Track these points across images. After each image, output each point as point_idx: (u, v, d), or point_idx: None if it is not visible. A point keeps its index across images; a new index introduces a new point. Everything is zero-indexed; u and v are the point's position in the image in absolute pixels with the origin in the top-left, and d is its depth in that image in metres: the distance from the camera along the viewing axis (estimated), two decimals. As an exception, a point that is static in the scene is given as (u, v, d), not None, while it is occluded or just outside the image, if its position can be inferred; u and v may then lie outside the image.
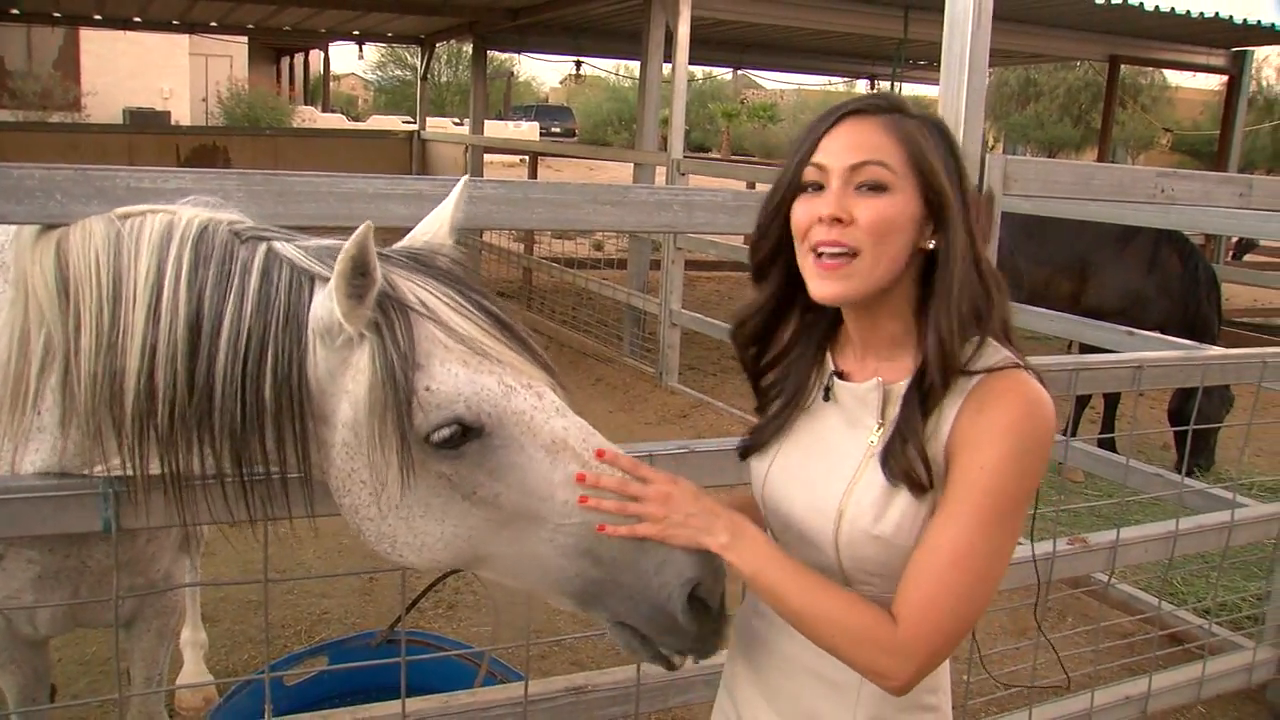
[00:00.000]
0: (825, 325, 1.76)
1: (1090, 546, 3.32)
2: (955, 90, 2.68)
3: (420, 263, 1.74)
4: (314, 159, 13.42)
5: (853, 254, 1.55)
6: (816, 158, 1.59)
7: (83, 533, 1.98)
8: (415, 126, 15.23)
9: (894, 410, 1.62)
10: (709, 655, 1.68)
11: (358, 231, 1.52)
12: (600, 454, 1.66)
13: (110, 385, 1.66)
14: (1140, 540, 3.47)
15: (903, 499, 1.58)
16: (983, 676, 3.79)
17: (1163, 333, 5.66)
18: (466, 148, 13.54)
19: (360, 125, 31.17)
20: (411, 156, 14.34)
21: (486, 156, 14.41)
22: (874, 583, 1.63)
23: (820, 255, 1.57)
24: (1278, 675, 4.02)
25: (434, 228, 1.90)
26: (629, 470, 1.66)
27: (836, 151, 1.57)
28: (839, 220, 1.54)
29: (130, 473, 1.73)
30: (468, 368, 1.62)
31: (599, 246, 14.99)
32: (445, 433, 1.58)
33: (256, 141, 14.59)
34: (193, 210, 1.74)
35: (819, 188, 1.59)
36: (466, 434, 1.60)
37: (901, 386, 1.62)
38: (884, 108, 1.61)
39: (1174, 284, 7.13)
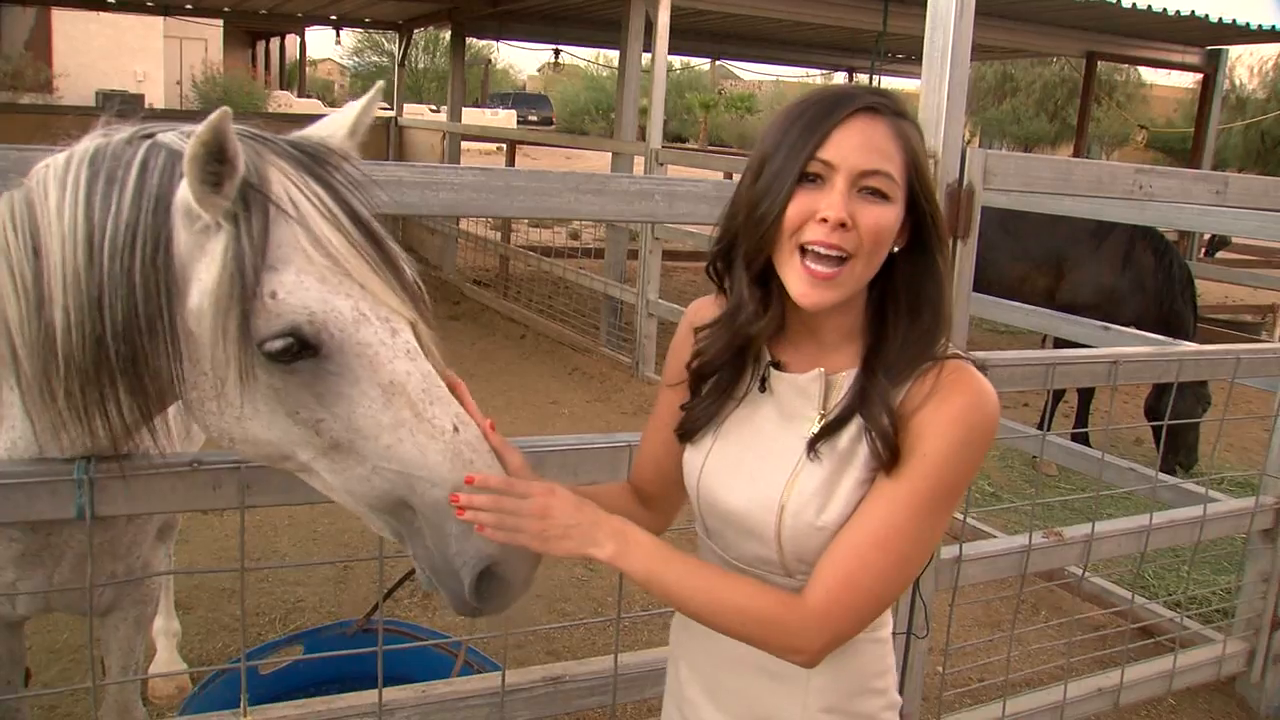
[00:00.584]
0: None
1: (1065, 540, 3.34)
2: (937, 84, 2.69)
3: (306, 158, 1.64)
4: (290, 144, 13.31)
5: (845, 259, 1.51)
6: (825, 153, 1.51)
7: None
8: (392, 113, 15.14)
9: (836, 399, 1.61)
10: (486, 616, 1.62)
11: (212, 116, 1.44)
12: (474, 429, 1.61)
13: (44, 340, 1.61)
14: (1114, 534, 3.50)
15: (845, 489, 1.57)
16: (956, 669, 3.82)
17: (1137, 329, 5.69)
18: (444, 135, 13.46)
19: (337, 110, 30.95)
20: (388, 143, 14.24)
21: (464, 144, 14.34)
22: None
23: (808, 256, 1.52)
24: (1247, 668, 4.06)
25: (334, 128, 1.81)
26: (501, 488, 1.56)
27: (849, 151, 1.51)
28: (843, 225, 1.50)
29: (83, 434, 1.70)
30: (323, 284, 1.54)
31: (576, 235, 14.96)
32: (279, 344, 1.51)
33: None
34: (92, 138, 1.69)
35: (816, 180, 1.53)
36: (302, 351, 1.52)
37: (844, 376, 1.62)
38: (891, 109, 1.56)
39: (1148, 280, 7.18)
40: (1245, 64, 36.25)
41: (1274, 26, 11.25)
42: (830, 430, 1.60)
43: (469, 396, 1.70)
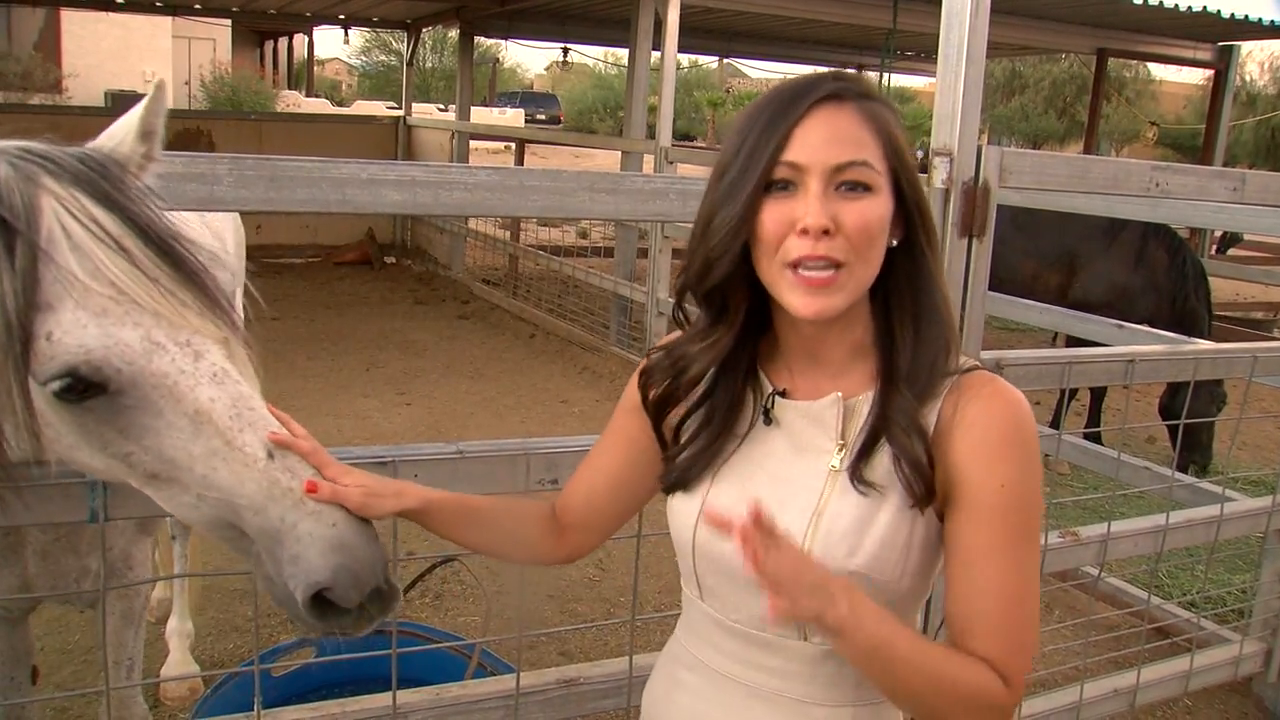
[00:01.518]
0: (754, 339, 1.55)
1: (1081, 540, 3.32)
2: (952, 81, 2.66)
3: (87, 174, 1.51)
4: (299, 144, 13.31)
5: (838, 265, 1.37)
6: (790, 155, 1.37)
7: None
8: (400, 112, 15.13)
9: (856, 427, 1.46)
10: (349, 637, 1.56)
11: None
12: (274, 438, 1.50)
13: None
14: (1130, 534, 3.47)
15: (880, 526, 1.42)
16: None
17: (1151, 327, 5.66)
18: (453, 134, 13.46)
19: (345, 110, 30.99)
20: (397, 142, 14.25)
21: (472, 143, 14.33)
22: None
23: (800, 267, 1.37)
24: (1264, 669, 4.03)
25: (123, 133, 1.66)
26: (308, 455, 1.51)
27: (815, 147, 1.36)
28: (826, 232, 1.35)
29: None
30: (105, 317, 1.43)
31: (585, 234, 14.95)
32: (57, 385, 1.42)
33: (241, 126, 14.46)
34: None
35: (788, 186, 1.38)
36: (89, 388, 1.44)
37: (862, 400, 1.47)
38: (856, 91, 1.41)
39: (1161, 278, 7.14)
40: (1256, 60, 36.16)
41: (1286, 22, 11.19)
42: (857, 461, 1.44)
43: (293, 421, 1.59)
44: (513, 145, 15.02)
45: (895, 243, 1.44)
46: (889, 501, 1.43)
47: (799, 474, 1.48)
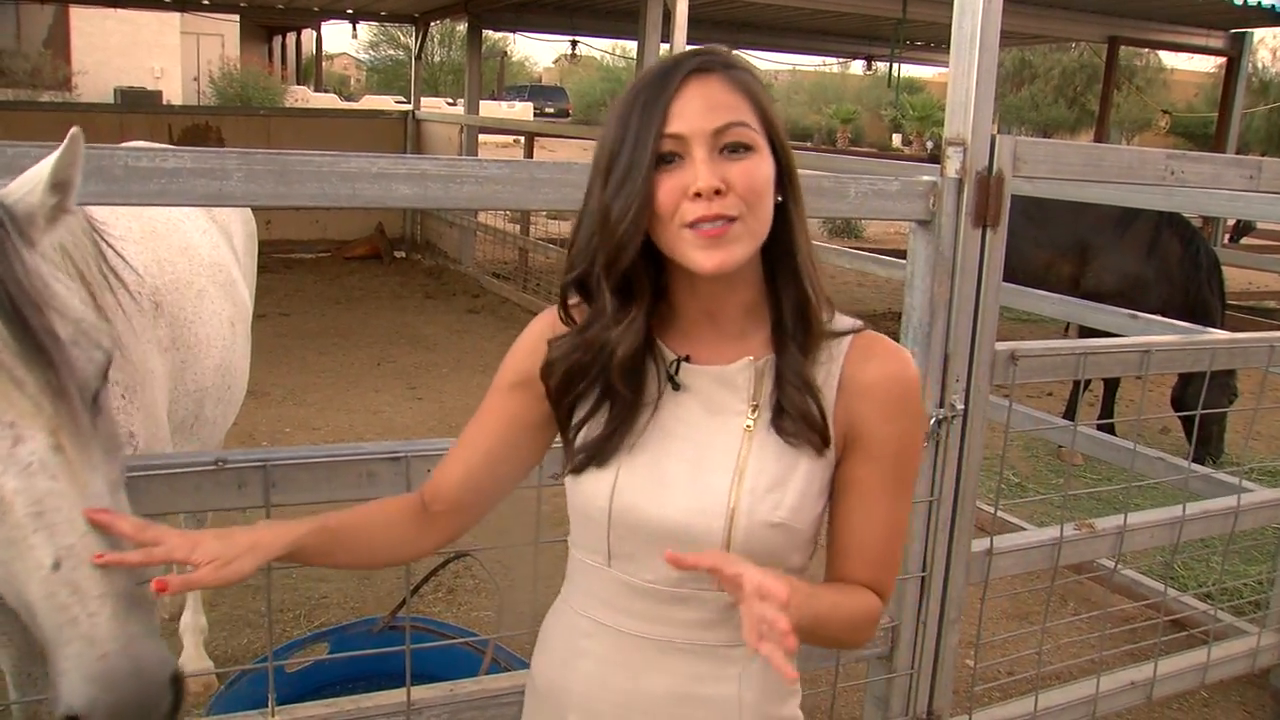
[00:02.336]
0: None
1: (1097, 532, 3.30)
2: (965, 69, 2.64)
3: None
4: (307, 139, 13.31)
5: (732, 219, 1.43)
6: (671, 128, 1.43)
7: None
8: (409, 106, 15.13)
9: (768, 387, 1.54)
10: None
11: None
12: (92, 516, 1.43)
13: None
14: (1146, 525, 3.45)
15: (799, 478, 1.53)
16: (987, 663, 3.78)
17: (1163, 317, 5.62)
18: (461, 128, 13.44)
19: (354, 105, 31.02)
20: (406, 136, 14.24)
21: (481, 137, 14.33)
22: None
23: (696, 226, 1.43)
24: (1281, 660, 4.01)
25: (29, 186, 1.58)
26: (135, 534, 1.45)
27: (693, 117, 1.43)
28: (718, 192, 1.42)
29: None
30: None
31: (594, 228, 14.92)
32: None
33: (250, 121, 14.47)
34: None
35: (675, 159, 1.44)
36: None
37: (768, 361, 1.55)
38: (720, 63, 1.49)
39: (1174, 268, 7.10)
40: (1268, 46, 35.96)
41: (1299, 9, 11.12)
42: (775, 419, 1.53)
43: (122, 515, 1.50)
44: (521, 139, 15.00)
45: (780, 199, 1.51)
46: (804, 455, 1.54)
47: (714, 435, 1.55)
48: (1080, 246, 7.56)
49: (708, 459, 1.54)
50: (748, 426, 1.54)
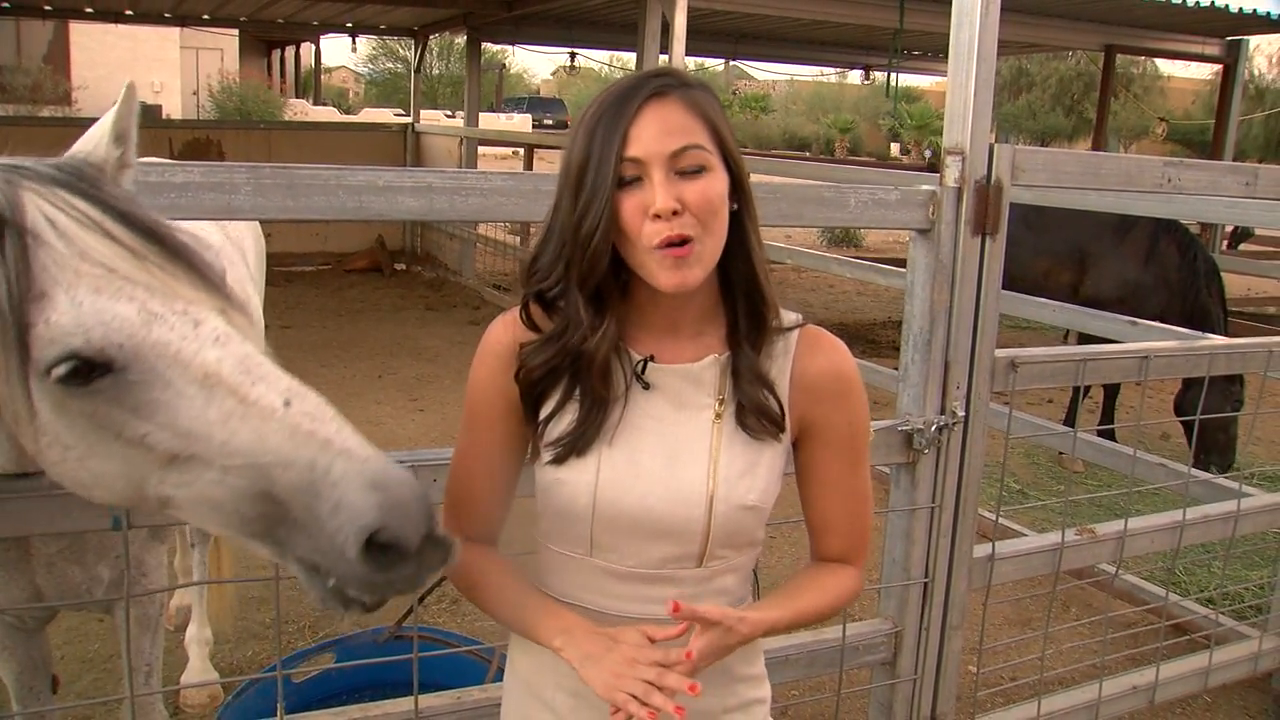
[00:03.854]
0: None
1: (1098, 537, 3.31)
2: (963, 80, 2.67)
3: (64, 175, 1.53)
4: (307, 152, 13.34)
5: (688, 240, 1.54)
6: (630, 152, 1.53)
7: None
8: (409, 119, 15.17)
9: (729, 383, 1.66)
10: (408, 591, 1.45)
11: None
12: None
13: None
14: (1147, 530, 3.47)
15: (764, 464, 1.67)
16: (989, 668, 3.80)
17: (1162, 323, 5.64)
18: (461, 140, 13.48)
19: (353, 118, 31.07)
20: (406, 149, 14.28)
21: (480, 149, 14.36)
22: (728, 555, 1.69)
23: (660, 247, 1.53)
24: (1283, 664, 4.02)
25: (97, 139, 1.70)
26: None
27: (649, 141, 1.53)
28: (675, 212, 1.52)
29: None
30: (100, 294, 1.42)
31: (594, 238, 14.94)
32: (63, 369, 1.39)
33: (250, 135, 14.51)
34: None
35: (636, 180, 1.54)
36: (94, 369, 1.40)
37: (727, 358, 1.67)
38: (677, 84, 1.59)
39: (1172, 274, 7.12)
40: (1264, 53, 36.04)
41: (1294, 16, 11.16)
42: (739, 412, 1.66)
43: None
44: (521, 151, 15.04)
45: (736, 207, 1.61)
46: (767, 444, 1.68)
47: (685, 429, 1.66)
48: (1079, 254, 7.58)
49: (681, 451, 1.65)
50: (716, 419, 1.66)
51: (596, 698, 1.55)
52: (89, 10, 14.27)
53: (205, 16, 14.96)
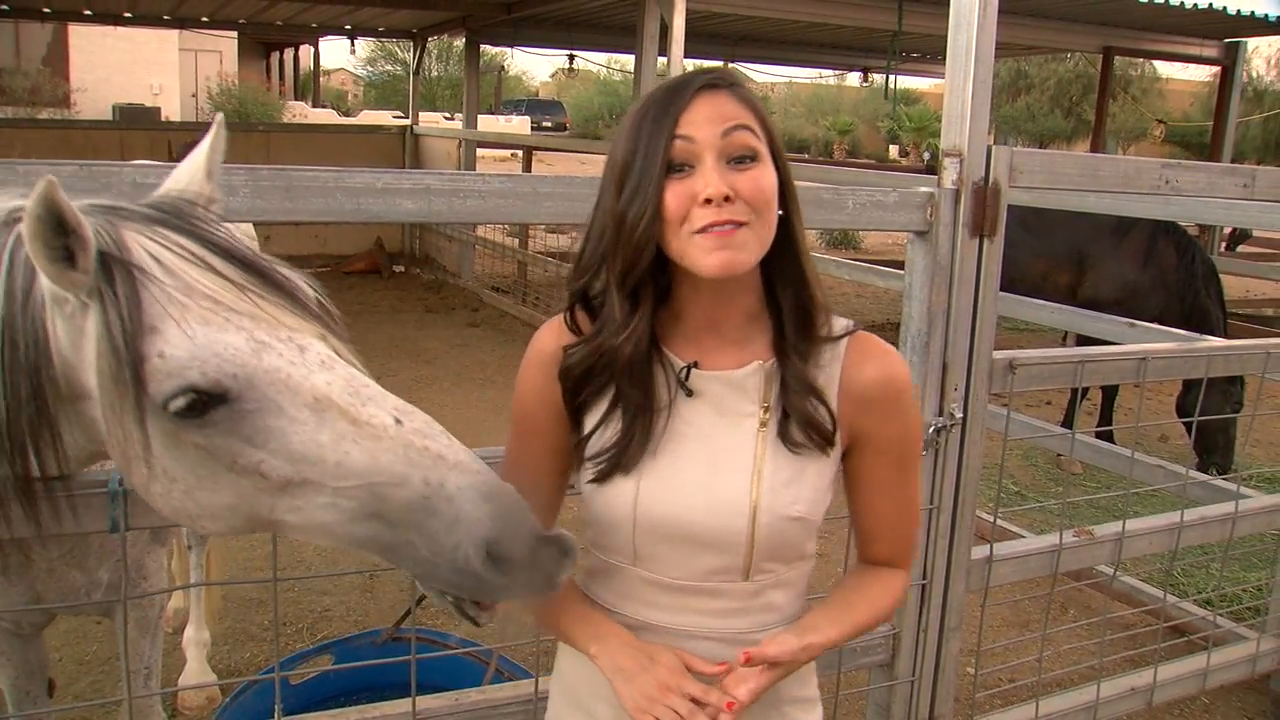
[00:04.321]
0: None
1: (1096, 539, 3.31)
2: (961, 81, 2.67)
3: (163, 214, 1.56)
4: (306, 154, 13.35)
5: (740, 224, 1.50)
6: (682, 130, 1.50)
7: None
8: (407, 121, 15.17)
9: (774, 391, 1.62)
10: (535, 594, 1.48)
11: (37, 187, 1.35)
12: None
13: None
14: (1145, 532, 3.47)
15: (811, 473, 1.62)
16: (987, 670, 3.79)
17: (1161, 325, 5.65)
18: (460, 142, 13.48)
19: (352, 120, 31.08)
20: (404, 151, 14.28)
21: (479, 151, 14.36)
22: (775, 569, 1.65)
23: (704, 230, 1.49)
24: (1281, 666, 4.02)
25: (188, 176, 1.74)
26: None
27: (703, 124, 1.51)
28: (727, 199, 1.48)
29: None
30: (209, 326, 1.45)
31: (593, 241, 14.94)
32: (180, 402, 1.41)
33: (249, 137, 14.48)
34: None
35: (684, 168, 1.51)
36: (210, 400, 1.42)
37: (774, 365, 1.63)
38: (727, 82, 1.57)
39: (1170, 276, 7.12)
40: (1262, 55, 36.07)
41: (1292, 18, 11.17)
42: (784, 422, 1.61)
43: None
44: (520, 153, 15.04)
45: (781, 212, 1.57)
46: (810, 453, 1.62)
47: (729, 437, 1.62)
48: (1077, 256, 7.58)
49: (725, 460, 1.60)
50: (761, 428, 1.61)
51: None
52: (88, 12, 14.27)
53: (204, 19, 14.97)
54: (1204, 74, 33.17)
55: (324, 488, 1.44)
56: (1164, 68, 36.39)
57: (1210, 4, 10.34)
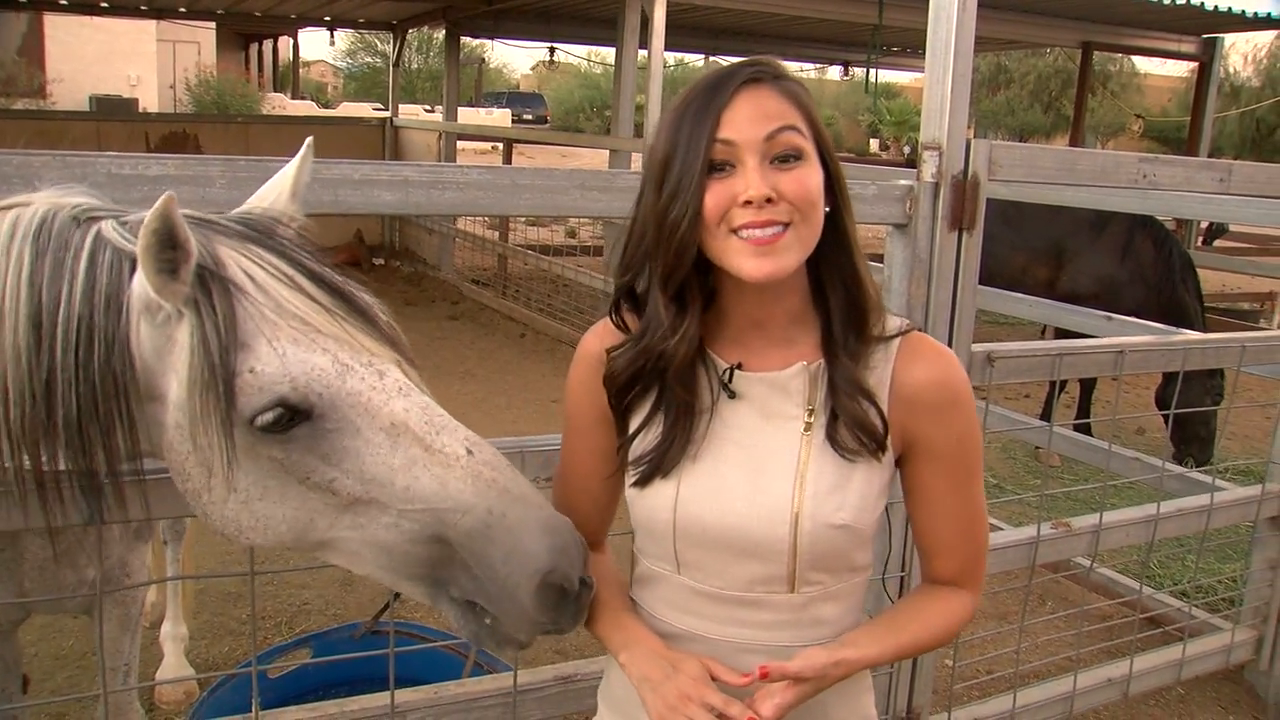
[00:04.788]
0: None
1: (1073, 531, 3.33)
2: (940, 76, 2.68)
3: (254, 232, 1.62)
4: (285, 146, 12.92)
5: (784, 225, 1.46)
6: (723, 133, 1.45)
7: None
8: (388, 113, 15.10)
9: (822, 391, 1.56)
10: (565, 633, 1.57)
11: (158, 203, 1.41)
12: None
13: None
14: (1122, 524, 3.49)
15: (858, 479, 1.55)
16: (965, 661, 3.81)
17: (1139, 319, 5.68)
18: (440, 134, 13.43)
19: (331, 112, 30.91)
20: (385, 143, 14.21)
21: (459, 144, 14.32)
22: (823, 581, 1.59)
23: (745, 231, 1.45)
24: (1255, 656, 4.06)
25: (275, 194, 1.79)
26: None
27: (744, 124, 1.45)
28: (769, 200, 1.44)
29: None
30: (298, 346, 1.50)
31: (574, 233, 14.95)
32: (269, 416, 1.47)
33: (228, 129, 14.42)
34: (42, 200, 1.65)
35: (725, 167, 1.46)
36: (295, 417, 1.49)
37: (820, 366, 1.57)
38: (771, 74, 1.51)
39: (1148, 269, 7.17)
40: (1240, 51, 36.32)
41: (1269, 14, 11.25)
42: (831, 424, 1.55)
43: None
44: (500, 145, 15.00)
45: (828, 208, 1.53)
46: (861, 458, 1.56)
47: (772, 440, 1.57)
48: (1056, 250, 7.62)
49: (768, 464, 1.56)
50: (805, 431, 1.56)
51: None
52: (64, 2, 14.16)
53: (182, 9, 14.86)
54: (1182, 70, 33.36)
55: (389, 509, 1.51)
56: (1142, 63, 36.52)
57: (1188, 0, 10.40)
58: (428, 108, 28.90)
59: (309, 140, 1.86)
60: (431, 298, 11.82)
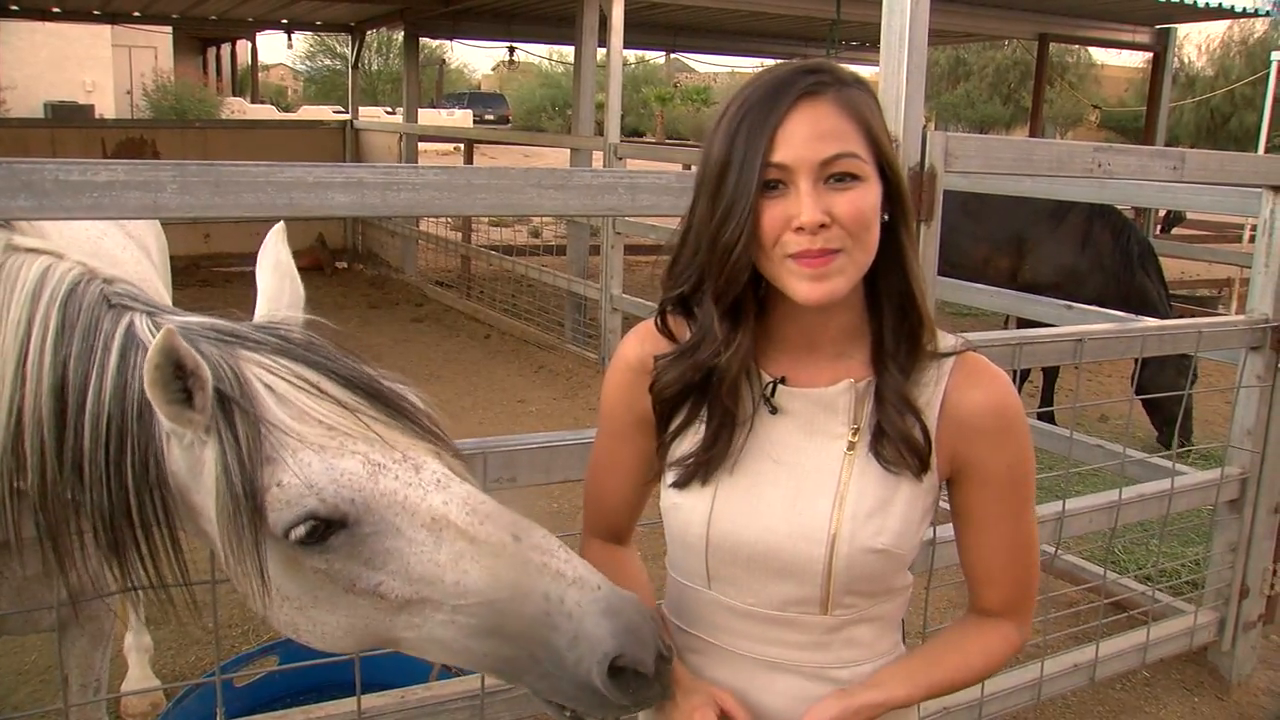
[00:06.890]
0: None
1: (1037, 518, 3.35)
2: (895, 68, 2.69)
3: (275, 340, 1.61)
4: (245, 151, 13.15)
5: (835, 252, 1.41)
6: (776, 157, 1.40)
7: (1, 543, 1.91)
8: (348, 116, 15.02)
9: (868, 410, 1.52)
10: (654, 704, 1.51)
11: (157, 339, 1.40)
12: None
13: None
14: (1085, 510, 3.53)
15: (900, 502, 1.51)
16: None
17: (1100, 307, 5.74)
18: (400, 136, 13.37)
19: (291, 116, 30.68)
20: (345, 146, 14.13)
21: (421, 145, 14.25)
22: (858, 604, 1.55)
23: (800, 258, 1.42)
24: (1218, 637, 4.11)
25: (277, 298, 1.82)
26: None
27: (799, 146, 1.40)
28: (822, 225, 1.39)
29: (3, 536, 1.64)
30: (324, 453, 1.47)
31: (537, 233, 14.92)
32: (302, 530, 1.44)
33: (185, 134, 14.27)
34: (71, 262, 1.65)
35: (779, 185, 1.42)
36: (329, 526, 1.45)
37: (868, 384, 1.53)
38: (831, 83, 1.44)
39: (1107, 258, 7.25)
40: (1194, 42, 36.78)
41: (1220, 4, 11.39)
42: (876, 443, 1.51)
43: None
44: (461, 146, 14.95)
45: (887, 217, 1.48)
46: (905, 480, 1.51)
47: (814, 458, 1.53)
48: (1017, 240, 7.69)
49: (807, 483, 1.52)
50: (849, 450, 1.52)
51: None
52: (14, 8, 13.95)
53: (136, 14, 14.67)
54: (1137, 60, 33.73)
55: (442, 606, 1.46)
56: (1099, 54, 37.03)
57: (1141, -10, 10.52)
58: (389, 110, 28.75)
59: (278, 226, 1.88)
60: (395, 301, 11.76)
